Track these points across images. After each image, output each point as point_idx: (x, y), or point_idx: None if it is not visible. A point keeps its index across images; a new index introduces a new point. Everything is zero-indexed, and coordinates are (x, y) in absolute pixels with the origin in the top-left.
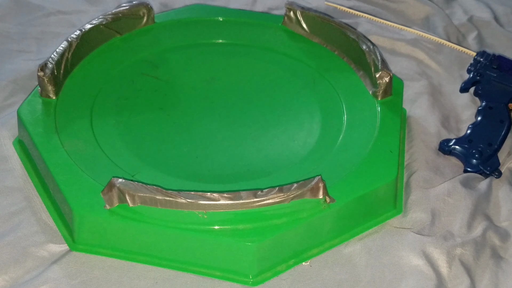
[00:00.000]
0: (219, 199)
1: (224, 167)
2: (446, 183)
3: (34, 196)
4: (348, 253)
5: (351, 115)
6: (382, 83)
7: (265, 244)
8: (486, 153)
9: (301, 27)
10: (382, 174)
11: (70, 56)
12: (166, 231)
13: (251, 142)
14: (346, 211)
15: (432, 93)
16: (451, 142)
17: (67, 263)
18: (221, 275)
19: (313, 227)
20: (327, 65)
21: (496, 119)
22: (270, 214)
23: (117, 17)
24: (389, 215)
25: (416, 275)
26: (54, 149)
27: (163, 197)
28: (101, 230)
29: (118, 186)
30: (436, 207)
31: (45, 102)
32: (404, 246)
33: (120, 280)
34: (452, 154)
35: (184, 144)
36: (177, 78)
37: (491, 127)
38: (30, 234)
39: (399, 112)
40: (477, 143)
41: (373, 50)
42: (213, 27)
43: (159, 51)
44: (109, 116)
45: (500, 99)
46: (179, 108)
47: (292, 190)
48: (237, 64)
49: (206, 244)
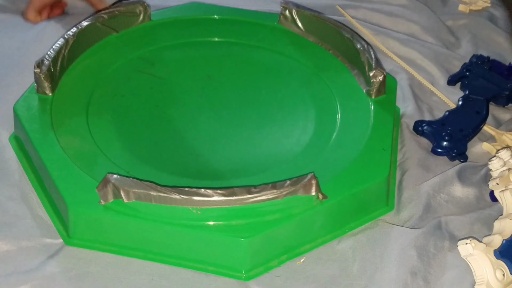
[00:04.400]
0: (213, 195)
1: (218, 164)
2: (438, 177)
3: (30, 192)
4: (341, 249)
5: (345, 113)
6: (376, 82)
7: (258, 240)
8: (455, 136)
9: (296, 26)
10: (375, 172)
11: (67, 53)
12: (160, 226)
13: (246, 139)
14: (338, 207)
15: (423, 92)
16: (424, 123)
17: (63, 258)
18: (214, 270)
19: (306, 223)
20: (322, 63)
21: (473, 109)
22: (263, 210)
23: (114, 14)
24: (381, 211)
25: (409, 268)
26: (50, 145)
27: (157, 193)
28: (95, 225)
29: (113, 182)
30: (428, 203)
31: (41, 98)
32: (396, 239)
33: (116, 276)
34: (424, 135)
35: (180, 141)
36: (173, 75)
37: (467, 115)
38: (25, 229)
39: (392, 110)
40: (448, 126)
41: (367, 49)
42: (209, 25)
43: (155, 49)
44: (105, 113)
45: (482, 93)
46: (175, 105)
47: (285, 187)
48: (233, 62)
49: (199, 239)
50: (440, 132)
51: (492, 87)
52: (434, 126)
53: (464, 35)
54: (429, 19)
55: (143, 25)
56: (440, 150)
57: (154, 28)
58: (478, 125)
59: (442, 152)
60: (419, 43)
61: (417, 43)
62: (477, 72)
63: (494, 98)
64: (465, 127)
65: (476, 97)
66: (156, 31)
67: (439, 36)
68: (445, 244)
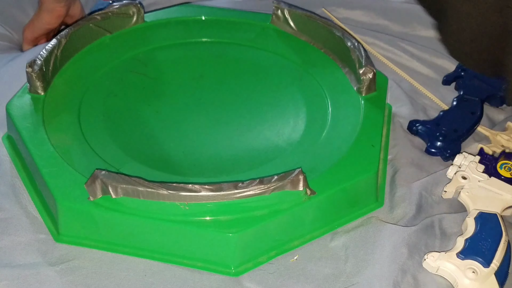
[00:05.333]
0: (200, 190)
1: (209, 162)
2: (431, 176)
3: (21, 190)
4: (334, 247)
5: (335, 111)
6: (366, 79)
7: (246, 235)
8: (449, 137)
9: (288, 25)
10: (363, 168)
11: (59, 54)
12: (148, 222)
13: (237, 137)
14: (327, 203)
15: (418, 92)
16: (418, 123)
17: (55, 255)
18: (203, 266)
19: (294, 219)
20: (314, 62)
21: (468, 110)
22: (251, 205)
23: (107, 16)
24: (371, 207)
25: (399, 265)
26: (41, 143)
27: (145, 189)
28: (85, 221)
29: (101, 178)
30: (421, 202)
31: (33, 98)
32: (389, 237)
33: (108, 272)
34: (418, 134)
35: (171, 139)
36: (165, 75)
37: (461, 116)
38: (18, 225)
39: (383, 107)
40: (443, 127)
41: (357, 47)
42: (202, 26)
43: (148, 50)
44: (97, 112)
45: (478, 94)
46: (167, 104)
47: (273, 182)
48: (226, 62)
49: (188, 235)
50: (435, 132)
51: (486, 88)
52: (429, 126)
53: None
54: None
55: (136, 27)
56: (434, 150)
57: (147, 29)
58: (473, 126)
59: (436, 152)
60: (409, 43)
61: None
62: (472, 72)
63: (489, 98)
64: (459, 128)
65: (471, 97)
66: (149, 32)
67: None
68: (436, 243)
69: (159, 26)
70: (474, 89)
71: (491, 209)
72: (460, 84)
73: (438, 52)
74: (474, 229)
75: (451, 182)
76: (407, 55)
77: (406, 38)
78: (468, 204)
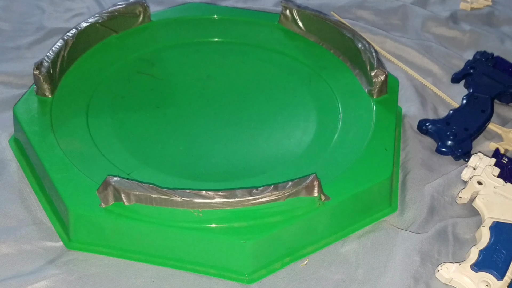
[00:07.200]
0: (214, 197)
1: (219, 166)
2: (442, 178)
3: (29, 194)
4: (345, 252)
5: (346, 114)
6: (378, 82)
7: (260, 242)
8: (460, 136)
9: (297, 25)
10: (377, 172)
11: (66, 55)
12: (161, 229)
13: (247, 140)
14: (341, 209)
15: (426, 91)
16: (428, 122)
17: (64, 261)
18: (216, 273)
19: (308, 225)
20: (323, 63)
21: (478, 108)
22: (265, 212)
23: (113, 15)
24: (384, 212)
25: (411, 273)
26: (50, 148)
27: (158, 196)
28: (96, 228)
29: (113, 184)
30: (433, 205)
31: (41, 100)
32: (401, 244)
33: (117, 279)
34: (428, 134)
35: (180, 142)
36: (173, 76)
37: (471, 114)
38: (25, 232)
39: (394, 110)
40: (453, 125)
41: (368, 48)
42: (209, 26)
43: (155, 50)
44: (105, 115)
45: (487, 91)
46: (175, 106)
47: (287, 188)
48: (233, 62)
49: (201, 242)
50: (445, 131)
51: (496, 85)
52: (439, 125)
53: (465, 33)
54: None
55: (143, 26)
56: (444, 150)
57: (153, 28)
58: (483, 124)
59: (447, 151)
60: (418, 42)
61: (416, 42)
62: (481, 69)
63: (499, 95)
64: (470, 126)
65: (481, 95)
66: (156, 32)
67: (440, 35)
68: (449, 249)
69: (165, 26)
70: (483, 86)
71: (506, 217)
72: (469, 82)
73: (448, 50)
74: (489, 239)
75: (466, 188)
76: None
77: (414, 37)
78: (483, 211)
